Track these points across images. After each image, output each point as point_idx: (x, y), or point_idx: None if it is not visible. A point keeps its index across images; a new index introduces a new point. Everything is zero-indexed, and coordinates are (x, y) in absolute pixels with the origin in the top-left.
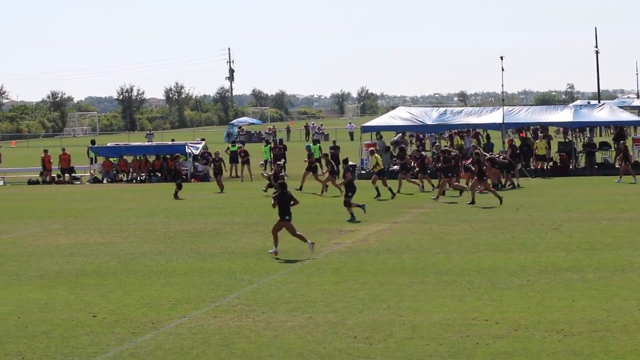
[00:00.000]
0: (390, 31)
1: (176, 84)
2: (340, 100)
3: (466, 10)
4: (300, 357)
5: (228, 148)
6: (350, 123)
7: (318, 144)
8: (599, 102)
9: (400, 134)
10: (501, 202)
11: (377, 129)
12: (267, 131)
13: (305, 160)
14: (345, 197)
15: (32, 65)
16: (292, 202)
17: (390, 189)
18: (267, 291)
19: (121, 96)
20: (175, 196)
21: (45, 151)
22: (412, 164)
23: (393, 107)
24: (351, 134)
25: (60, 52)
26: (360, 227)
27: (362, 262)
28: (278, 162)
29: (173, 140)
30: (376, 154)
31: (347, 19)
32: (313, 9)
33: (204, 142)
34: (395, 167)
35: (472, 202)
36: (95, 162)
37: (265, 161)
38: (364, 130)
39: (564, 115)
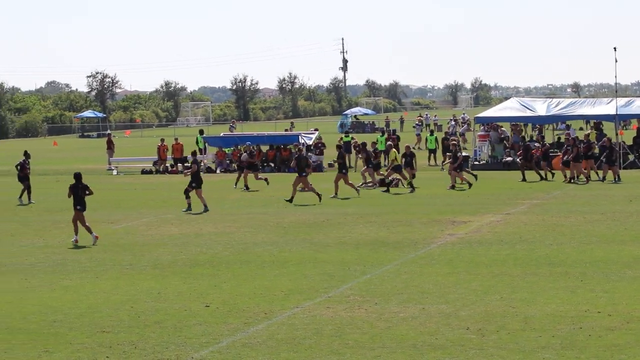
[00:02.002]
0: (504, 22)
1: (290, 74)
2: (453, 91)
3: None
4: (412, 349)
5: (341, 139)
6: (463, 114)
7: (434, 135)
8: None
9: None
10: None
11: (491, 120)
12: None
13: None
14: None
15: (146, 55)
16: (87, 192)
17: (410, 184)
18: (380, 282)
19: (234, 86)
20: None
21: (162, 140)
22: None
23: (506, 98)
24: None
25: (174, 42)
26: (473, 218)
27: (475, 253)
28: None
29: (292, 123)
30: (394, 149)
31: (461, 9)
32: None
33: (317, 132)
34: (509, 158)
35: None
36: (206, 152)
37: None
38: (477, 121)
39: None
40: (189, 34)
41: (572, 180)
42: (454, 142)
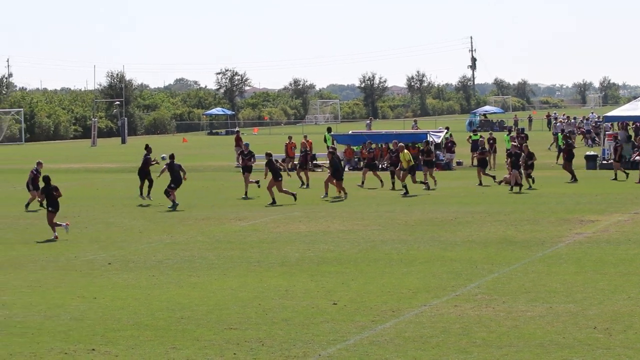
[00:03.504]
0: (634, 21)
1: (418, 72)
2: (582, 90)
3: None
4: (540, 348)
5: (470, 137)
6: (592, 113)
7: (561, 134)
8: None
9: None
10: None
11: (619, 119)
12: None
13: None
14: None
15: (275, 52)
16: (55, 193)
17: (423, 182)
18: (508, 281)
19: (363, 84)
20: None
21: (289, 138)
22: None
23: (635, 97)
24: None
25: (302, 40)
26: (601, 217)
27: (602, 253)
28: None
29: (415, 121)
30: (405, 150)
31: (590, 7)
32: None
33: (447, 131)
34: (638, 157)
35: None
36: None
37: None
38: (606, 120)
39: None
40: (318, 32)
41: None
42: (514, 143)
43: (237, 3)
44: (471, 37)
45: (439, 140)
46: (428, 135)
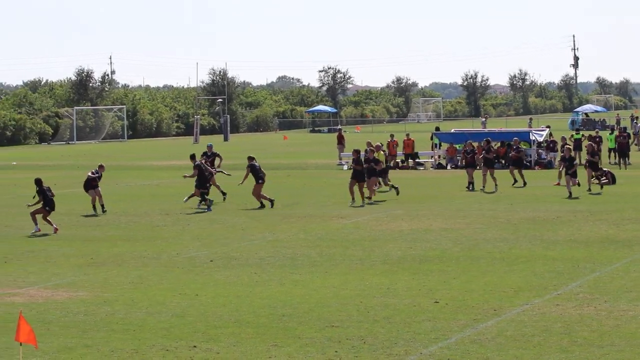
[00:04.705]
0: None
1: (520, 70)
2: None
3: None
4: None
5: (572, 136)
6: None
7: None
8: None
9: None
10: None
11: None
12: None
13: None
14: None
15: (378, 50)
16: (49, 194)
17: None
18: (610, 280)
19: (465, 82)
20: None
21: (391, 136)
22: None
23: None
24: None
25: (405, 38)
26: None
27: None
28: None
29: (531, 119)
30: (381, 151)
31: None
32: None
33: (548, 129)
34: None
35: None
36: (439, 148)
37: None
38: None
39: None
40: (420, 30)
41: None
42: (568, 146)
43: (340, 1)
44: (573, 36)
45: (541, 139)
46: (530, 134)
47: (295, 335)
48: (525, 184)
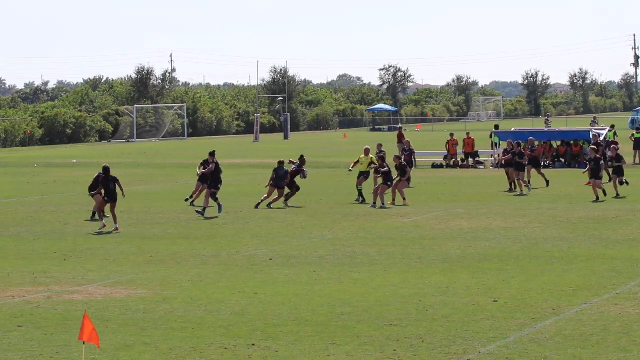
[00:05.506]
0: None
1: (580, 69)
2: None
3: None
4: None
5: (632, 135)
6: None
7: None
8: None
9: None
10: None
11: None
12: None
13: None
14: None
15: (438, 49)
16: (117, 185)
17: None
18: None
19: (526, 81)
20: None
21: (451, 135)
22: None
23: None
24: None
25: (465, 37)
26: None
27: None
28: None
29: (595, 118)
30: (371, 155)
31: None
32: None
33: (610, 129)
34: None
35: None
36: (499, 146)
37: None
38: None
39: None
40: (480, 29)
41: None
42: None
43: (401, 0)
44: (634, 35)
45: (601, 138)
46: (590, 133)
47: (353, 334)
48: (547, 182)
